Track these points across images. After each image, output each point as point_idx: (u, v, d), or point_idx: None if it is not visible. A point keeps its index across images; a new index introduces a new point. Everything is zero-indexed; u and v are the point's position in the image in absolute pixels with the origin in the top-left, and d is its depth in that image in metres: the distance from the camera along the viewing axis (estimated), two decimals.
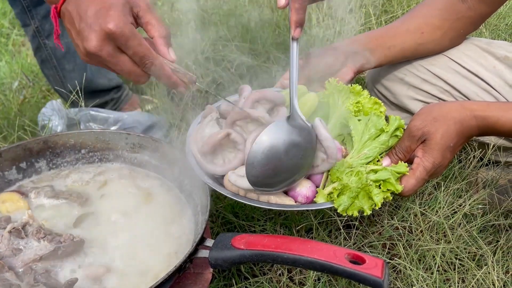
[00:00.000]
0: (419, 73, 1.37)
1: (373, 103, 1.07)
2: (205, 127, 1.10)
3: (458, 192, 1.36)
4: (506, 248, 1.25)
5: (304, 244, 0.84)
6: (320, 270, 0.82)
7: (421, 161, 0.96)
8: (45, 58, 1.74)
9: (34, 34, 1.69)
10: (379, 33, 1.32)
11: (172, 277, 0.90)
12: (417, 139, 0.97)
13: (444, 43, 1.33)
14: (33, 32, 1.69)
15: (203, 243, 0.94)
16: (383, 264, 0.79)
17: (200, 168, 1.07)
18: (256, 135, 1.01)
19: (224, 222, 1.35)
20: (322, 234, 1.27)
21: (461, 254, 1.22)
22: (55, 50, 1.72)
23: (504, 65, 1.31)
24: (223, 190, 1.03)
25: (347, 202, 0.96)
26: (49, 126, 1.63)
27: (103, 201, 1.17)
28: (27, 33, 1.73)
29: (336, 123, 1.10)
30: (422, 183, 0.97)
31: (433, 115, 0.96)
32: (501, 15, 2.19)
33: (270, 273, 1.21)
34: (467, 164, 1.43)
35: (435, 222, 1.27)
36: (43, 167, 1.24)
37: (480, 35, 2.03)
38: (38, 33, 1.69)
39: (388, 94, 1.44)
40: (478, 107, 0.97)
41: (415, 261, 1.20)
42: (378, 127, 1.01)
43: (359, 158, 1.00)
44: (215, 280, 1.19)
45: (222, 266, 0.89)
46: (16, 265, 0.95)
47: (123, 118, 1.77)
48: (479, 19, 1.30)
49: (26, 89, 2.08)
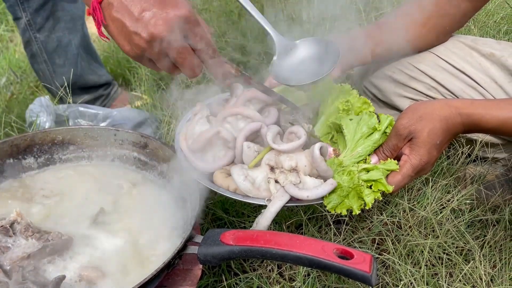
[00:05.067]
0: (407, 70, 1.38)
1: (362, 102, 1.07)
2: (195, 124, 1.10)
3: (446, 187, 1.37)
4: (493, 242, 1.26)
5: (292, 240, 0.84)
6: (308, 265, 0.82)
7: (408, 158, 0.97)
8: (35, 52, 1.73)
9: (25, 27, 1.68)
10: (366, 31, 1.33)
11: (161, 273, 0.90)
12: (404, 138, 0.98)
13: (430, 40, 1.34)
14: (24, 25, 1.68)
15: (192, 239, 0.94)
16: (371, 259, 0.80)
17: (190, 165, 1.07)
18: (245, 133, 1.02)
19: (214, 218, 1.35)
20: (312, 230, 1.28)
21: (449, 249, 1.24)
22: (45, 44, 1.71)
23: (490, 62, 1.33)
24: (213, 186, 1.03)
25: (337, 200, 0.96)
26: (37, 123, 1.62)
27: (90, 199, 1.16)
28: (18, 27, 1.71)
29: (326, 122, 1.10)
30: (408, 180, 0.98)
31: (419, 113, 0.97)
32: (490, 12, 2.21)
33: (260, 269, 1.21)
34: (455, 160, 1.44)
35: (424, 217, 1.29)
36: (33, 164, 1.23)
37: (468, 32, 2.05)
38: (29, 26, 1.67)
39: (376, 92, 1.45)
40: (462, 105, 0.98)
41: (403, 256, 1.21)
42: (371, 125, 1.02)
43: (352, 157, 1.01)
44: (205, 276, 1.19)
45: (211, 262, 0.89)
46: (4, 263, 0.95)
47: (113, 114, 1.75)
48: (464, 17, 1.31)
49: (13, 85, 2.06)
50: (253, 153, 1.01)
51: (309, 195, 0.94)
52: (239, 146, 1.02)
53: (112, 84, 1.94)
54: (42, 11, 1.65)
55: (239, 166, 1.01)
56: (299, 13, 2.10)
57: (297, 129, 0.99)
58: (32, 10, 1.64)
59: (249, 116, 1.05)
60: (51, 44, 1.71)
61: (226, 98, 1.19)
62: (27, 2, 1.63)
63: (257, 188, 0.99)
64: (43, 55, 1.73)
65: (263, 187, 0.99)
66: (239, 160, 1.04)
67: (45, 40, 1.70)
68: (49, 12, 1.67)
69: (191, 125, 1.11)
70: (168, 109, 1.75)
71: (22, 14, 1.65)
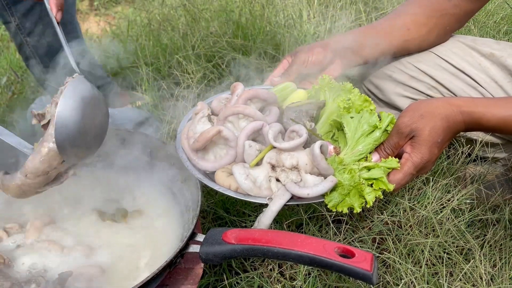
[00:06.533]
0: (407, 70, 1.38)
1: (363, 100, 1.08)
2: (196, 123, 1.10)
3: (446, 187, 1.38)
4: (493, 242, 1.27)
5: (294, 238, 0.84)
6: (309, 264, 0.83)
7: (410, 156, 0.98)
8: (29, 55, 1.73)
9: (16, 31, 1.67)
10: (366, 30, 1.33)
11: (163, 272, 0.90)
12: (406, 136, 0.98)
13: (430, 39, 1.34)
14: (15, 29, 1.67)
15: (194, 238, 0.95)
16: (372, 258, 0.80)
17: (191, 164, 1.07)
18: (247, 132, 1.02)
19: (215, 217, 1.36)
20: (313, 229, 1.28)
21: (449, 248, 1.24)
22: (37, 48, 1.69)
23: (490, 62, 1.33)
24: (214, 186, 1.03)
25: (338, 199, 0.96)
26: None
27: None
28: (9, 30, 1.70)
29: (327, 120, 1.11)
30: (409, 178, 0.98)
31: (420, 111, 0.97)
32: (490, 12, 2.21)
33: (261, 268, 1.21)
34: (456, 160, 1.45)
35: (424, 216, 1.29)
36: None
37: (468, 32, 2.06)
38: (19, 30, 1.66)
39: (376, 91, 1.45)
40: (463, 103, 0.99)
41: (404, 255, 1.22)
42: (371, 123, 1.02)
43: (353, 155, 1.01)
44: (206, 275, 1.20)
45: (213, 261, 0.89)
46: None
47: (113, 114, 1.76)
48: (464, 16, 1.32)
49: (14, 85, 2.06)
50: (254, 152, 1.02)
51: (310, 193, 0.94)
52: (241, 145, 1.02)
53: (112, 84, 1.94)
54: (30, 15, 1.63)
55: (241, 165, 1.01)
56: (300, 12, 2.10)
57: (299, 128, 1.00)
58: (20, 15, 1.63)
59: (250, 115, 1.05)
60: (41, 49, 1.69)
61: (227, 97, 1.20)
62: (15, 6, 1.62)
63: (258, 187, 0.99)
64: (36, 58, 1.72)
65: (264, 186, 0.99)
66: (241, 159, 1.05)
67: (36, 45, 1.69)
68: (37, 17, 1.65)
69: (193, 124, 1.11)
70: (169, 109, 1.75)
71: (11, 19, 1.64)
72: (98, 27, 2.69)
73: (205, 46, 2.01)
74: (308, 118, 1.07)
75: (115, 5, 3.02)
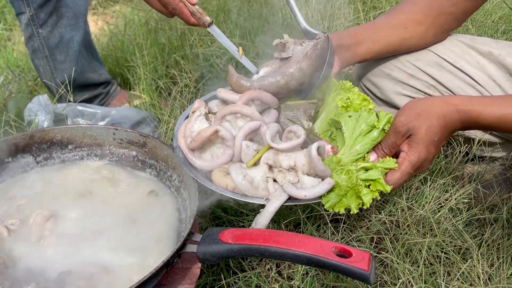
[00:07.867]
0: (406, 68, 1.38)
1: (362, 99, 1.07)
2: (193, 122, 1.10)
3: (444, 186, 1.38)
4: (491, 241, 1.27)
5: (291, 238, 0.84)
6: (307, 263, 0.83)
7: (407, 155, 0.97)
8: (37, 47, 1.74)
9: (28, 22, 1.69)
10: (364, 28, 1.33)
11: (160, 272, 0.90)
12: (403, 135, 0.98)
13: (428, 38, 1.34)
14: (28, 20, 1.68)
15: (191, 237, 0.94)
16: (369, 258, 0.80)
17: (188, 163, 1.07)
18: (244, 132, 1.01)
19: (213, 217, 1.35)
20: (311, 228, 1.28)
21: (447, 247, 1.24)
22: (47, 40, 1.72)
23: (488, 60, 1.33)
24: (211, 185, 1.03)
25: (335, 199, 0.96)
26: (36, 122, 1.61)
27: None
28: (21, 21, 1.72)
29: (325, 118, 1.10)
30: (407, 177, 0.98)
31: (417, 110, 0.97)
32: (488, 12, 2.21)
33: (258, 267, 1.21)
34: (453, 159, 1.45)
35: (422, 216, 1.29)
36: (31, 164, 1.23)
37: (466, 32, 2.05)
38: (32, 21, 1.68)
39: (375, 90, 1.45)
40: (460, 102, 0.98)
41: (401, 254, 1.22)
42: (370, 123, 1.02)
43: (351, 155, 1.01)
44: (203, 275, 1.19)
45: (210, 260, 0.89)
46: None
47: (111, 113, 1.75)
48: (462, 15, 1.31)
49: (12, 84, 2.05)
50: (252, 152, 1.01)
51: (307, 195, 0.94)
52: (238, 145, 1.02)
53: (111, 83, 1.94)
54: (46, 6, 1.66)
55: (238, 165, 1.01)
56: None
57: (297, 128, 0.99)
58: (36, 6, 1.66)
59: (247, 114, 1.05)
60: (53, 40, 1.72)
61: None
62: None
63: (255, 187, 0.99)
64: (44, 50, 1.74)
65: (261, 186, 0.99)
66: (238, 159, 1.04)
67: (47, 36, 1.71)
68: (52, 8, 1.68)
69: (190, 123, 1.10)
70: (167, 108, 1.75)
71: (26, 9, 1.66)
72: (96, 26, 2.69)
73: (202, 46, 2.01)
74: (306, 118, 1.07)
75: (113, 4, 3.01)
